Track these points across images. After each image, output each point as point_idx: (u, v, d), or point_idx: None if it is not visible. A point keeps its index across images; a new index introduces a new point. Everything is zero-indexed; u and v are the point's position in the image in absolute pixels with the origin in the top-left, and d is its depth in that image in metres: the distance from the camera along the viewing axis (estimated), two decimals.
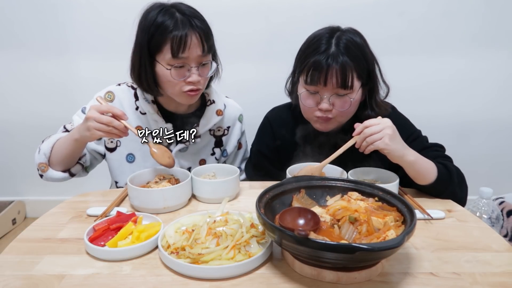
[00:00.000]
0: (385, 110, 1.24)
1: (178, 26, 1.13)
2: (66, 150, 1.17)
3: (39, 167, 1.20)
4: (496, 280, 0.73)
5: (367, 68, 1.17)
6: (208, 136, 1.42)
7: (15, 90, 2.25)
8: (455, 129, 2.27)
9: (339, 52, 1.12)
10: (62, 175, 1.23)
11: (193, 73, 1.17)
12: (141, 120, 1.31)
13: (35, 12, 2.09)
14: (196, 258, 0.74)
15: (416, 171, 1.07)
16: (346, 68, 1.11)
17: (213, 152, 1.44)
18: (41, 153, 1.18)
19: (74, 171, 1.25)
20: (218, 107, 1.40)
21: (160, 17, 1.15)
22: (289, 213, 0.80)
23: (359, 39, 1.17)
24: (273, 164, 1.38)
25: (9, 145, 2.36)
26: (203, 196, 1.10)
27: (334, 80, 1.12)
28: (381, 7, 2.06)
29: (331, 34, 1.16)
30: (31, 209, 2.52)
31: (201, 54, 1.16)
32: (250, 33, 2.07)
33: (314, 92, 1.17)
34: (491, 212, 1.34)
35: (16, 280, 0.73)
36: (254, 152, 1.44)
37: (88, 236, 0.84)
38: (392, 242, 0.64)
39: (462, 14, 2.07)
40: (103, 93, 1.31)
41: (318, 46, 1.15)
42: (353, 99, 1.16)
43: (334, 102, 1.16)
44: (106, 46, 2.13)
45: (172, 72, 1.16)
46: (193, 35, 1.14)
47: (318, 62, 1.12)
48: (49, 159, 1.19)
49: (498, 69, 2.17)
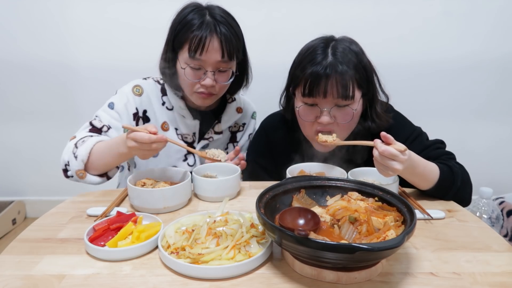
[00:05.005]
0: (386, 122, 1.19)
1: (202, 27, 1.13)
2: (111, 159, 1.12)
3: (77, 174, 1.14)
4: (496, 280, 0.73)
5: (366, 76, 1.13)
6: (227, 132, 1.44)
7: (15, 90, 2.25)
8: (455, 129, 2.27)
9: (337, 61, 1.07)
10: (100, 179, 1.18)
11: (208, 77, 1.17)
12: (167, 116, 1.32)
13: (36, 12, 2.10)
14: (196, 258, 0.74)
15: (413, 181, 1.06)
16: (346, 77, 1.06)
17: (227, 147, 1.46)
18: (78, 160, 1.12)
19: (111, 174, 1.21)
20: (238, 105, 1.43)
21: (190, 15, 1.16)
22: (289, 213, 0.80)
23: (356, 47, 1.13)
24: (269, 174, 1.34)
25: (9, 145, 2.36)
26: (204, 195, 1.10)
27: (334, 91, 1.07)
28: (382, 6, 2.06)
29: (326, 44, 1.12)
30: (31, 209, 2.52)
31: (220, 60, 1.16)
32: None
33: (313, 104, 1.12)
34: (491, 212, 1.34)
35: (16, 280, 0.73)
36: (250, 162, 1.39)
37: (88, 236, 0.84)
38: (392, 242, 0.64)
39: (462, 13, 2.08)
40: (130, 87, 1.29)
41: (314, 57, 1.09)
42: (355, 110, 1.11)
43: (335, 114, 1.11)
44: (106, 46, 2.13)
45: (186, 71, 1.16)
46: (214, 39, 1.13)
47: (316, 72, 1.07)
48: (85, 165, 1.13)
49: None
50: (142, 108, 1.30)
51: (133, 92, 1.28)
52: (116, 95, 1.29)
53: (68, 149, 1.16)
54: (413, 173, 1.02)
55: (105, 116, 1.24)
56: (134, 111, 1.28)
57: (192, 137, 1.35)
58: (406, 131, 1.23)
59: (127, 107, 1.27)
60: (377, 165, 0.97)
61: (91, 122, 1.23)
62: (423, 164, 1.03)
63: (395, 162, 0.93)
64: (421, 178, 1.05)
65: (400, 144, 0.93)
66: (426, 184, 1.06)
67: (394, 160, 0.93)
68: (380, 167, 0.97)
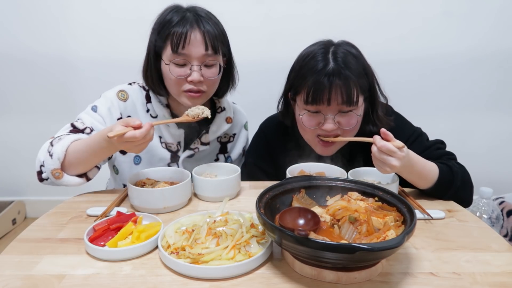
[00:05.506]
0: (387, 125, 1.17)
1: (182, 23, 1.12)
2: (90, 157, 1.06)
3: (52, 174, 1.06)
4: (496, 280, 0.73)
5: (368, 80, 1.12)
6: (215, 143, 1.40)
7: (15, 89, 2.25)
8: (455, 129, 2.27)
9: (339, 67, 1.06)
10: (79, 180, 1.11)
11: (194, 71, 1.14)
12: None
13: (36, 12, 2.10)
14: (196, 258, 0.74)
15: (412, 180, 1.06)
16: (349, 83, 1.06)
17: (217, 158, 1.42)
18: (54, 158, 1.05)
19: (91, 175, 1.14)
20: (228, 115, 1.39)
21: (169, 15, 1.15)
22: (289, 213, 0.80)
23: (355, 51, 1.12)
24: (268, 176, 1.32)
25: (9, 145, 2.36)
26: (204, 195, 1.10)
27: (339, 98, 1.06)
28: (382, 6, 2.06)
29: (326, 49, 1.10)
30: (31, 209, 2.53)
31: (204, 53, 1.13)
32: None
33: (316, 112, 1.11)
34: (491, 212, 1.34)
35: (16, 280, 0.73)
36: (249, 164, 1.39)
37: (88, 236, 0.84)
38: (392, 242, 0.64)
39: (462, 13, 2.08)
40: (115, 92, 1.26)
41: (315, 64, 1.08)
42: (359, 115, 1.11)
43: (339, 121, 1.10)
44: (107, 46, 2.13)
45: (171, 69, 1.14)
46: (196, 32, 1.12)
47: (319, 81, 1.06)
48: (62, 163, 1.07)
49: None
50: (126, 113, 1.26)
51: (117, 96, 1.25)
52: (100, 98, 1.25)
53: (43, 149, 1.10)
54: (411, 172, 1.02)
55: (88, 118, 1.19)
56: (118, 115, 1.24)
57: (177, 146, 1.31)
58: (406, 132, 1.23)
59: (111, 111, 1.23)
60: (375, 161, 0.98)
61: (72, 124, 1.17)
62: (421, 163, 1.03)
63: (393, 158, 0.93)
64: (420, 177, 1.05)
65: (398, 142, 0.94)
66: (425, 183, 1.06)
67: (391, 156, 0.93)
68: (378, 163, 0.97)
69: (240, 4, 2.05)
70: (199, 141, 1.34)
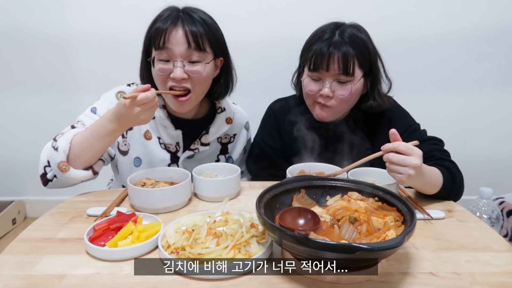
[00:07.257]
0: (388, 103, 1.27)
1: (165, 20, 1.13)
2: (96, 143, 1.06)
3: (59, 167, 1.05)
4: (496, 280, 0.73)
5: (369, 58, 1.20)
6: (215, 144, 1.40)
7: (15, 90, 2.25)
8: (455, 129, 2.27)
9: (342, 41, 1.16)
10: (85, 173, 1.10)
11: (177, 67, 1.13)
12: (150, 124, 1.29)
13: (36, 12, 2.10)
14: (196, 258, 0.74)
15: (422, 189, 1.06)
16: (347, 55, 1.15)
17: (218, 159, 1.42)
18: (60, 151, 1.05)
19: (97, 168, 1.14)
20: (228, 115, 1.38)
21: (160, 14, 1.16)
22: (289, 213, 0.80)
23: (363, 35, 1.20)
24: (276, 154, 1.38)
25: (9, 145, 2.36)
26: (204, 195, 1.10)
27: (336, 66, 1.15)
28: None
29: (336, 27, 1.21)
30: (31, 209, 2.52)
31: (186, 49, 1.12)
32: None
33: (317, 79, 1.21)
34: (491, 212, 1.34)
35: (16, 280, 0.73)
36: (257, 143, 1.43)
37: (88, 236, 0.84)
38: (392, 242, 0.64)
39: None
40: (114, 93, 1.27)
41: (322, 35, 1.20)
42: (353, 85, 1.18)
43: (335, 89, 1.19)
44: (107, 45, 2.13)
45: (156, 64, 1.14)
46: (179, 29, 1.12)
47: (320, 48, 1.16)
48: (68, 156, 1.06)
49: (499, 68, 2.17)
50: None
51: (116, 98, 1.25)
52: (99, 100, 1.26)
53: (46, 149, 1.11)
54: (424, 183, 1.03)
55: (88, 120, 1.20)
56: None
57: (176, 146, 1.31)
58: (406, 122, 1.29)
59: None
60: (389, 170, 0.99)
61: (72, 126, 1.18)
62: (430, 171, 1.04)
63: (397, 168, 0.95)
64: (430, 185, 1.05)
65: (416, 149, 0.96)
66: (434, 190, 1.06)
67: (395, 165, 0.95)
68: (393, 174, 0.98)
69: (240, 4, 2.05)
70: (199, 141, 1.34)
